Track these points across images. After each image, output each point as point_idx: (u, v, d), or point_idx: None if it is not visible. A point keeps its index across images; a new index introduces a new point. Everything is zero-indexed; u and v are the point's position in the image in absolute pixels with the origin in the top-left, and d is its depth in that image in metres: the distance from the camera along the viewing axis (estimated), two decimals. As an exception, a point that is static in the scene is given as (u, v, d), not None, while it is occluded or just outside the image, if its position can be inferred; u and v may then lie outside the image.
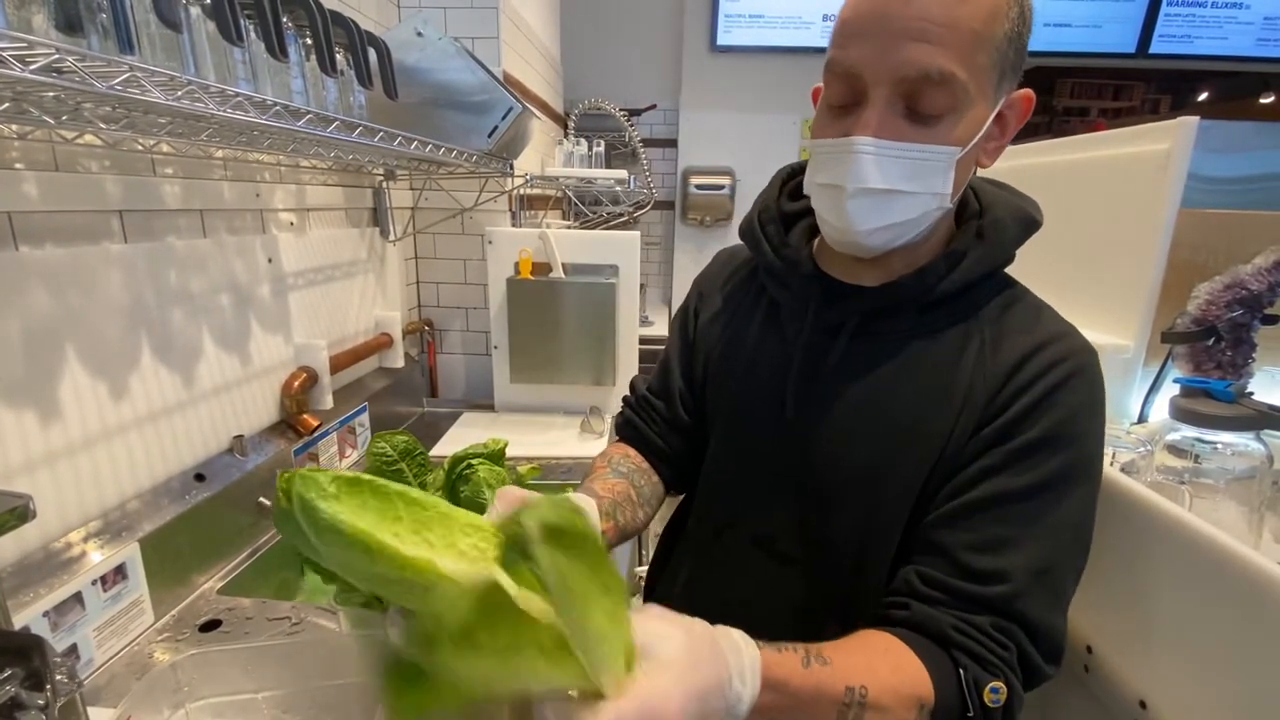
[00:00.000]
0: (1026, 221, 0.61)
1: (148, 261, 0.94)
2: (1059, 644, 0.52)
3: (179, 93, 0.60)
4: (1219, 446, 0.77)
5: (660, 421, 0.79)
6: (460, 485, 0.61)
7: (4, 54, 0.45)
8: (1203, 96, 5.06)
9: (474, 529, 0.39)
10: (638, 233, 1.75)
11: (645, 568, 2.01)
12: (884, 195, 0.54)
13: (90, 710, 0.61)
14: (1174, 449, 0.81)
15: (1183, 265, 1.04)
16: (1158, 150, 1.03)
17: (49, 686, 0.52)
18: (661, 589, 0.83)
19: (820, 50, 3.34)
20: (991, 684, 0.49)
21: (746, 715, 0.42)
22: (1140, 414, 1.08)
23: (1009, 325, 0.58)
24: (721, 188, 3.18)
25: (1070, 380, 0.54)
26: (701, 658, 0.40)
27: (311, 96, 0.92)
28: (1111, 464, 0.73)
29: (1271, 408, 0.73)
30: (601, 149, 2.18)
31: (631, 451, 0.79)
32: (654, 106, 3.25)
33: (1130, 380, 1.08)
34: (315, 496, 0.36)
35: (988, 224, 0.60)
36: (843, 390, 0.61)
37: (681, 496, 0.83)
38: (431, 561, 0.36)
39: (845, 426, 0.61)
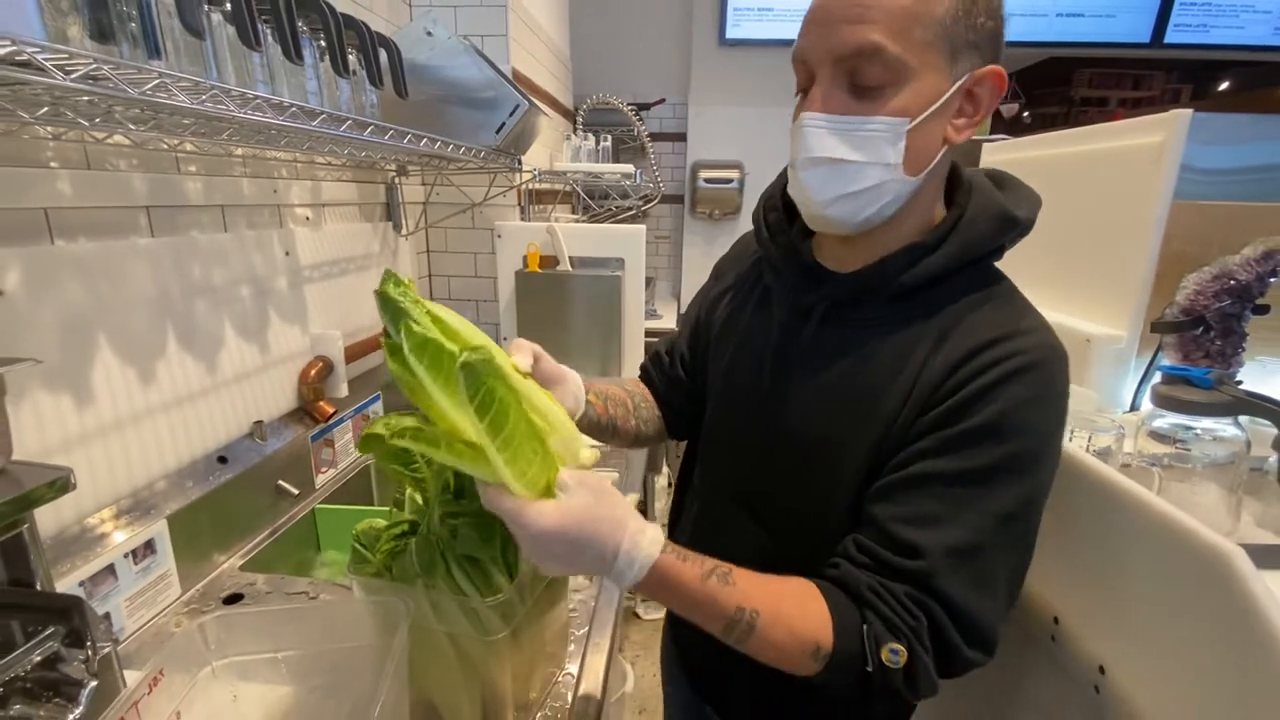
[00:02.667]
0: (1003, 220, 0.61)
1: (172, 255, 0.99)
2: (984, 630, 0.53)
3: (203, 97, 0.64)
4: (1199, 432, 0.79)
5: (664, 374, 0.89)
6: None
7: (47, 64, 0.49)
8: (1224, 86, 4.97)
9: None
10: (643, 226, 1.79)
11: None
12: (832, 165, 0.57)
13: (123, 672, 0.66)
14: (1157, 435, 0.83)
15: (1176, 257, 1.06)
16: (1151, 143, 1.05)
17: (89, 642, 0.57)
18: (679, 532, 0.89)
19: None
20: (891, 644, 0.52)
21: (631, 586, 0.52)
22: (1132, 403, 1.10)
23: (973, 319, 0.59)
24: (730, 181, 3.20)
25: (1020, 374, 0.54)
26: (595, 519, 0.50)
27: (325, 97, 0.96)
28: (1088, 448, 0.76)
29: (1248, 394, 0.75)
30: (609, 144, 2.21)
31: (642, 385, 0.91)
32: (662, 101, 3.27)
33: (1124, 370, 1.10)
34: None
35: (964, 220, 0.61)
36: (810, 369, 0.66)
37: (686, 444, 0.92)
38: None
39: (809, 403, 0.65)
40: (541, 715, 0.77)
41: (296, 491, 1.23)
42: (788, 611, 0.53)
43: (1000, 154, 1.48)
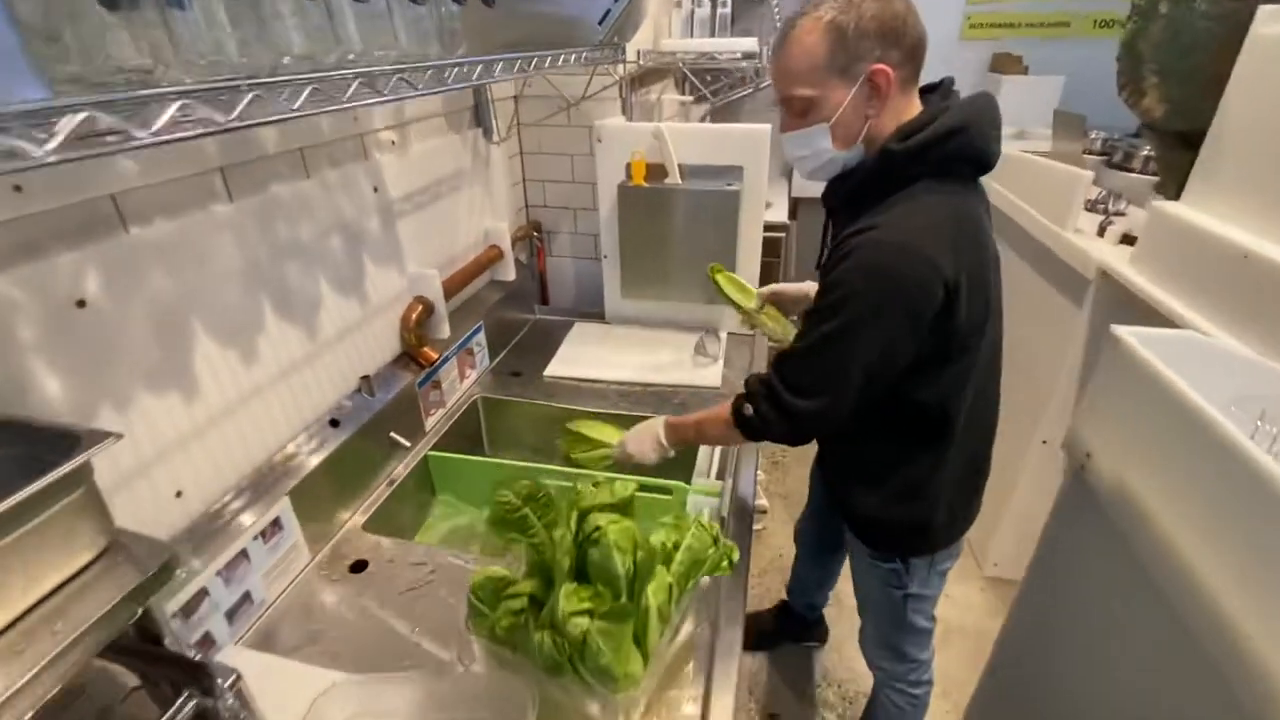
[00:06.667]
0: (882, 152, 0.85)
1: (255, 217, 0.89)
2: (795, 382, 0.89)
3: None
4: None
5: None
6: (590, 549, 0.55)
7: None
8: None
9: None
10: (768, 125, 1.49)
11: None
12: (799, 159, 0.92)
13: (261, 652, 0.67)
14: None
15: None
16: None
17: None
18: None
19: None
20: (745, 404, 0.94)
21: (668, 443, 1.07)
22: None
23: (862, 221, 0.84)
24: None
25: (852, 253, 0.81)
26: (642, 430, 1.09)
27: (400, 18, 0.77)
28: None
29: None
30: (728, 9, 1.81)
31: None
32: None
33: None
34: None
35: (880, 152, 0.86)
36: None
37: None
38: None
39: None
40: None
41: (409, 444, 1.21)
42: (715, 412, 1.01)
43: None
